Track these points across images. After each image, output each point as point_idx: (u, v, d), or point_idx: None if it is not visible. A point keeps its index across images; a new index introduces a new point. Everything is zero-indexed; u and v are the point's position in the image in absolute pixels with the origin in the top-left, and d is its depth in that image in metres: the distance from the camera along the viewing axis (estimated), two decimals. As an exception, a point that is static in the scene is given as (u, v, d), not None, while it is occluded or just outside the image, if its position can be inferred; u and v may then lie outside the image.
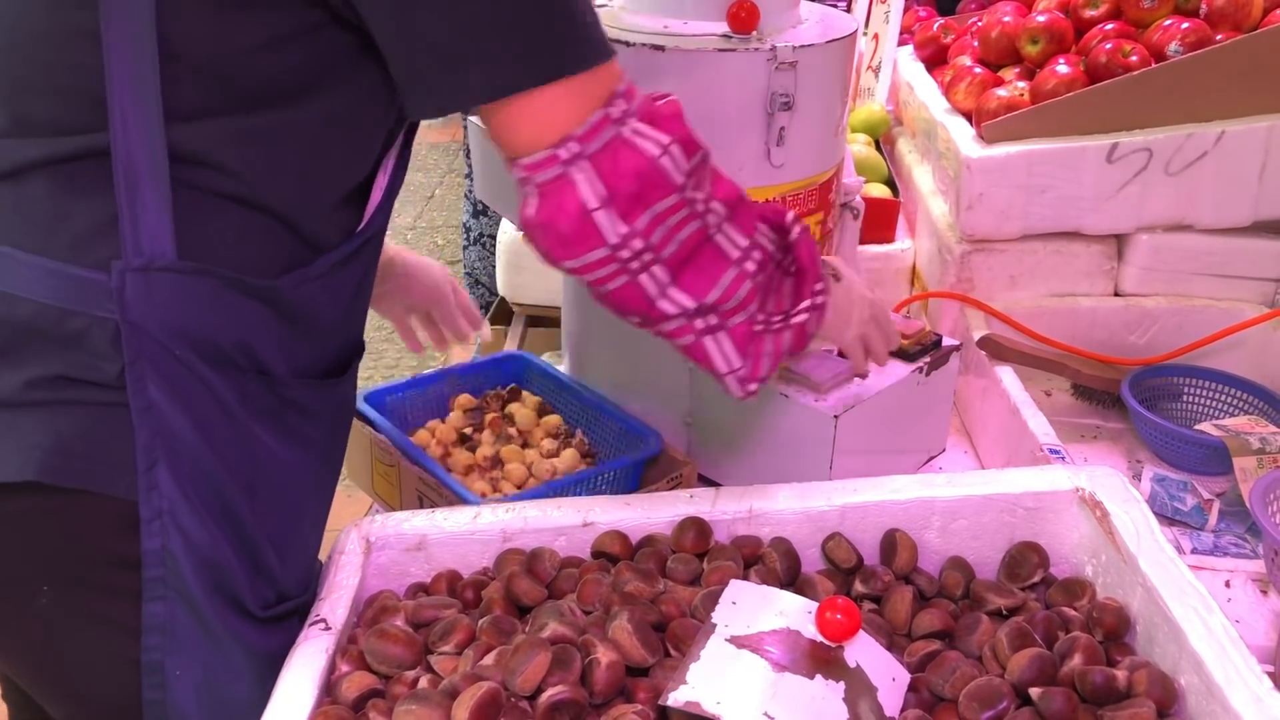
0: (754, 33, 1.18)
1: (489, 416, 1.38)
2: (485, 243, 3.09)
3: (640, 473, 1.26)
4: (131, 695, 0.91)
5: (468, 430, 1.36)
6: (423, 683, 0.88)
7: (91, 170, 0.83)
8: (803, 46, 1.16)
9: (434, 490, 1.20)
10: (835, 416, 1.17)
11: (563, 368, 1.46)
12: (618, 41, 1.16)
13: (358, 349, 1.05)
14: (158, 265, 0.84)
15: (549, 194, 0.86)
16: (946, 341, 1.32)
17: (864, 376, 1.20)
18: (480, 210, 3.06)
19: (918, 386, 1.28)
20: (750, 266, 0.95)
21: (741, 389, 0.99)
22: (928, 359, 1.29)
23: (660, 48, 1.15)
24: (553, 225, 0.87)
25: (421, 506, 1.21)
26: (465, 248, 3.17)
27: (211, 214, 0.85)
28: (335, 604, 0.94)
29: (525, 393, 1.44)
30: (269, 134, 0.85)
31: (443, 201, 5.41)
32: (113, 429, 0.86)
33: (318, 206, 0.91)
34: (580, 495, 1.12)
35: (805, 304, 1.01)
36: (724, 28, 1.19)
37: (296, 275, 0.90)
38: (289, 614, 0.98)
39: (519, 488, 1.27)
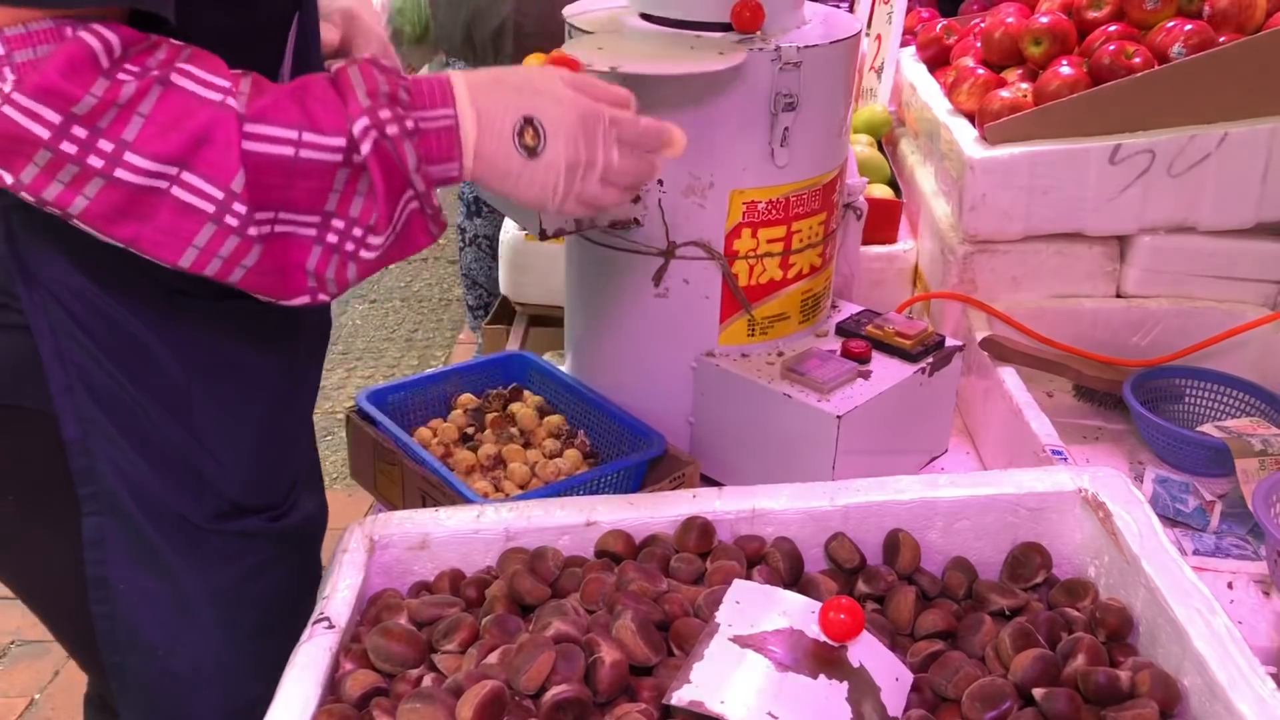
0: (758, 32, 1.18)
1: (490, 416, 1.38)
2: (481, 244, 3.10)
3: (643, 473, 1.26)
4: (84, 607, 0.95)
5: (469, 430, 1.37)
6: (426, 681, 0.88)
7: None
8: (807, 47, 1.16)
9: (437, 489, 1.20)
10: (838, 417, 1.17)
11: (565, 368, 1.47)
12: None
13: None
14: None
15: None
16: (949, 342, 1.33)
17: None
18: (474, 211, 3.07)
19: (920, 387, 1.28)
20: (232, 221, 0.81)
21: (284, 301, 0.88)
22: (930, 360, 1.29)
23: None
24: None
25: (424, 506, 1.21)
26: (461, 249, 3.18)
27: None
28: (339, 602, 0.94)
29: (527, 392, 1.44)
30: None
31: (442, 201, 5.41)
32: (36, 349, 0.90)
33: None
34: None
35: (382, 237, 0.87)
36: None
37: None
38: (251, 534, 0.99)
39: (522, 488, 1.27)
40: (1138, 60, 1.52)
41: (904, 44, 2.10)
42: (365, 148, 0.84)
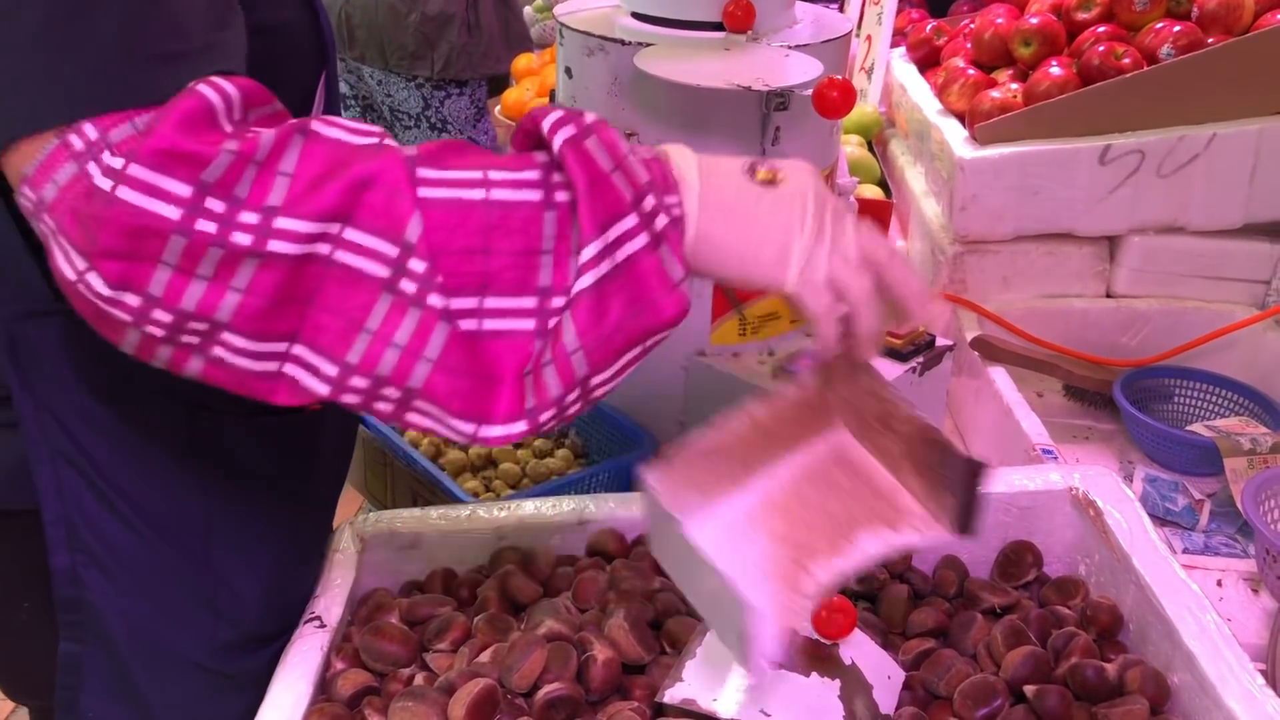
0: (749, 32, 1.18)
1: (482, 415, 1.37)
2: None
3: (635, 473, 1.26)
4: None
5: (461, 429, 1.36)
6: (418, 680, 0.88)
7: None
8: (798, 46, 1.17)
9: (427, 489, 1.20)
10: (829, 416, 1.17)
11: (556, 367, 1.46)
12: (613, 40, 1.16)
13: None
14: (40, 310, 0.76)
15: (50, 251, 0.64)
16: (939, 342, 1.33)
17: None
18: None
19: (911, 387, 1.28)
20: (408, 287, 0.63)
21: (476, 439, 0.67)
22: (921, 359, 1.29)
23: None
24: (70, 296, 0.64)
25: (414, 505, 1.21)
26: None
27: None
28: (330, 601, 0.94)
29: (519, 392, 1.43)
30: None
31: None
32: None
33: None
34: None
35: (593, 266, 0.65)
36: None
37: None
38: (242, 677, 0.91)
39: (513, 487, 1.27)
40: (1127, 61, 1.53)
41: (894, 45, 2.10)
42: (558, 143, 0.66)
